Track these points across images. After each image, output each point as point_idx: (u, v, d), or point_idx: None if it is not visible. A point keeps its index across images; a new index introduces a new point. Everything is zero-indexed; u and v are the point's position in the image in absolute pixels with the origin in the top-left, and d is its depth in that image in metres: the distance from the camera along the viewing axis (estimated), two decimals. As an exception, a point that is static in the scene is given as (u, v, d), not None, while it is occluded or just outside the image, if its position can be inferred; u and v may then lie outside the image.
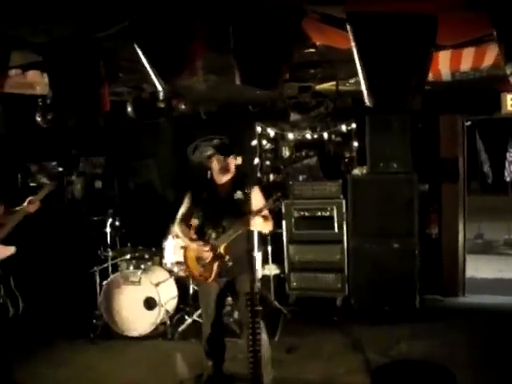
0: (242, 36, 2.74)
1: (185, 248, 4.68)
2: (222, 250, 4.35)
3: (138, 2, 2.89)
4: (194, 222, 4.52)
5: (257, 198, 4.38)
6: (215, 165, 4.48)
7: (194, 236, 4.49)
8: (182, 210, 4.63)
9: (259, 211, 4.24)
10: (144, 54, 2.90)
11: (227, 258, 4.34)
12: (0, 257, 4.56)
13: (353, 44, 2.66)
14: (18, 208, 4.62)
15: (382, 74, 2.60)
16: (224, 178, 4.50)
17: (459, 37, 3.50)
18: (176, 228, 4.63)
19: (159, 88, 2.96)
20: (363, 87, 2.67)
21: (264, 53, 2.75)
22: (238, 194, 4.36)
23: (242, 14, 2.71)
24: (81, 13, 3.06)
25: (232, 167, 4.48)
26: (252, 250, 4.53)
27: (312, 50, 4.17)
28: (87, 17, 3.10)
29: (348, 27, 2.61)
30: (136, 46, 2.90)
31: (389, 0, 2.49)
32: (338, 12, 2.66)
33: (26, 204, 4.59)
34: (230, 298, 4.90)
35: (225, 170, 4.46)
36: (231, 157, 4.47)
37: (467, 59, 4.32)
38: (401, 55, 2.55)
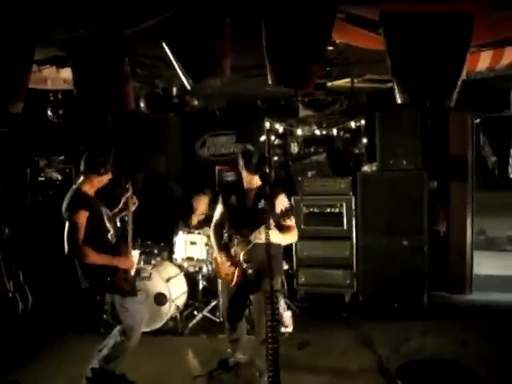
0: (275, 36, 2.72)
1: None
2: (241, 258, 4.43)
3: (166, 0, 2.87)
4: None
5: (282, 205, 4.35)
6: (243, 173, 4.56)
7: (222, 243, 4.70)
8: (216, 216, 4.78)
9: (277, 220, 4.28)
10: (173, 52, 2.88)
11: (246, 266, 4.43)
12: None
13: (385, 43, 2.64)
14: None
15: (416, 72, 2.59)
16: (249, 186, 4.57)
17: (481, 38, 3.50)
18: (210, 234, 4.84)
19: (188, 87, 2.93)
20: (395, 85, 2.67)
21: (297, 53, 2.73)
22: (262, 204, 4.33)
23: (274, 14, 2.69)
24: (107, 10, 3.04)
25: (257, 182, 4.52)
26: (276, 255, 4.53)
27: (331, 48, 4.16)
28: (114, 14, 3.08)
29: (381, 27, 2.61)
30: (165, 44, 2.88)
31: (424, 0, 2.48)
32: (371, 12, 2.65)
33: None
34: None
35: (249, 183, 4.55)
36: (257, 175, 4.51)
37: (485, 59, 4.31)
38: (436, 54, 2.54)
